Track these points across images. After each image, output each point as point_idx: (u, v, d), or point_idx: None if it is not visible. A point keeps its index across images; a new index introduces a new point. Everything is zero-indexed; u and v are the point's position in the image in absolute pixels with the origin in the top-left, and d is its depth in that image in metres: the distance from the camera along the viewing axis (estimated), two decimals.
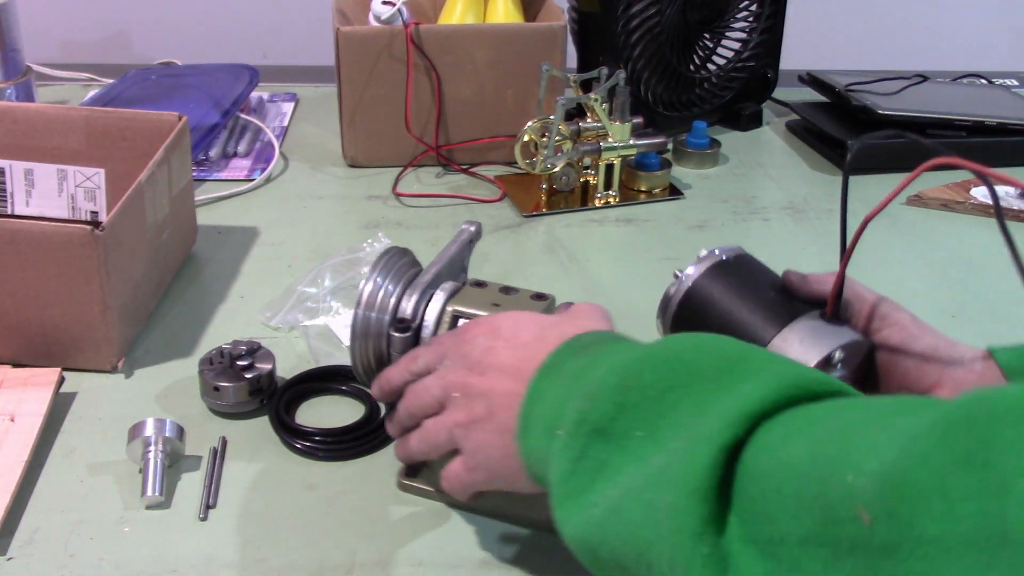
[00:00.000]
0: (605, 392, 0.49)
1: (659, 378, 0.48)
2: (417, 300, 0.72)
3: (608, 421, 0.49)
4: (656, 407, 0.48)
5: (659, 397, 0.48)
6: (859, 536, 0.38)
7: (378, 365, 0.73)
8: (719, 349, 0.50)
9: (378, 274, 0.73)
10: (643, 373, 0.49)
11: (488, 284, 0.74)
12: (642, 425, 0.48)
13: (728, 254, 0.74)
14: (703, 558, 0.42)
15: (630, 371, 0.49)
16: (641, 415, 0.48)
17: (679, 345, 0.50)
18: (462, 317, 0.70)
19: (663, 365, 0.49)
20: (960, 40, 1.90)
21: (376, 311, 0.72)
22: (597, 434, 0.49)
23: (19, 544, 0.70)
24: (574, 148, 1.15)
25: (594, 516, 0.48)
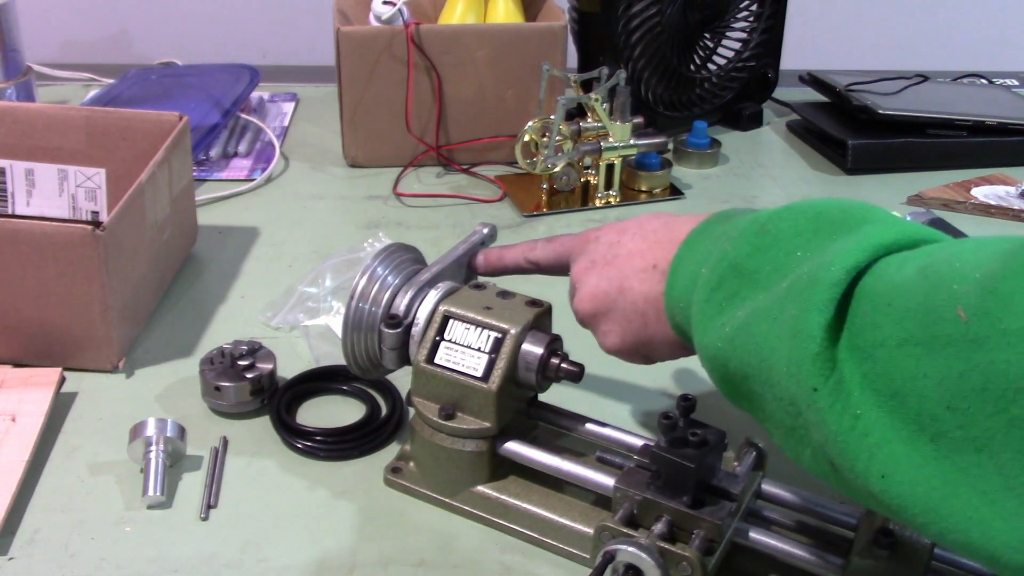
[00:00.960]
0: (745, 235, 0.56)
1: (793, 223, 0.55)
2: (412, 297, 0.72)
3: (744, 258, 0.55)
4: (788, 246, 0.54)
5: (791, 240, 0.54)
6: (955, 332, 0.43)
7: (369, 358, 0.73)
8: (847, 203, 0.56)
9: (378, 266, 0.73)
10: (780, 220, 0.56)
11: (487, 286, 0.74)
12: (773, 261, 0.54)
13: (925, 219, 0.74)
14: (813, 356, 0.48)
15: (770, 219, 0.56)
16: (773, 253, 0.54)
17: (815, 201, 0.57)
18: (453, 318, 0.71)
19: (799, 214, 0.55)
20: (960, 40, 1.90)
21: (370, 304, 0.72)
22: (733, 268, 0.56)
23: (20, 544, 0.70)
24: (574, 148, 1.15)
25: (725, 334, 0.55)
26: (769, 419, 0.54)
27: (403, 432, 0.81)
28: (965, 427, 0.43)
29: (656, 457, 0.64)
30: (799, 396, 0.49)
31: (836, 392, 0.48)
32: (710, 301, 0.57)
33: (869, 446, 0.46)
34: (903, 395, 0.45)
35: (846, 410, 0.47)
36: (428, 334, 0.71)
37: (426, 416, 0.72)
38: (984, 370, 0.42)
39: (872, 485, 0.47)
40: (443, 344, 0.71)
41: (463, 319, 0.70)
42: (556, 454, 0.71)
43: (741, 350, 0.54)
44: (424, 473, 0.74)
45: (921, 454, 0.45)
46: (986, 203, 1.18)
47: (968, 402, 0.42)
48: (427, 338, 0.71)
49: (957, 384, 0.43)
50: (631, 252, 0.66)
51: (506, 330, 0.69)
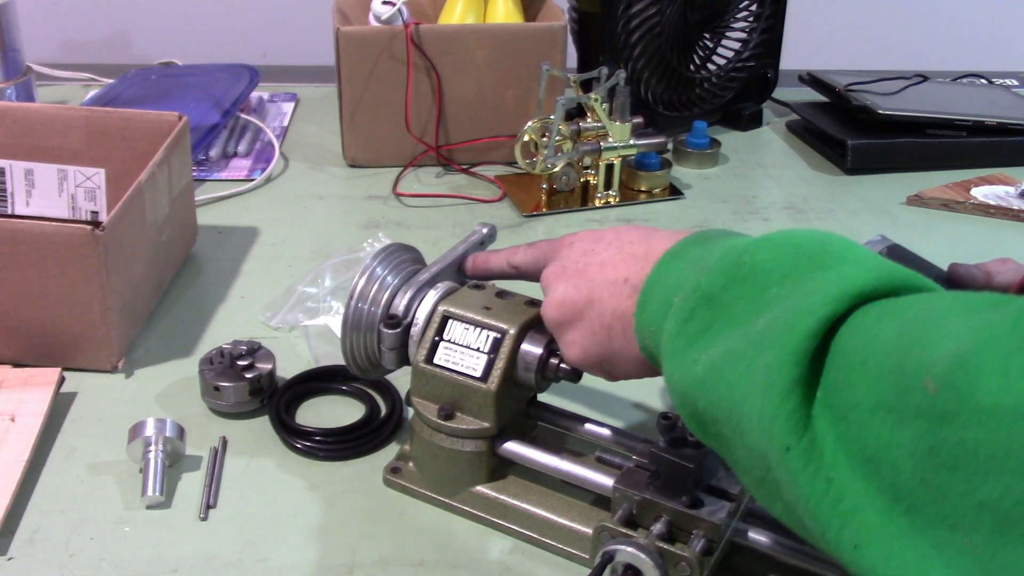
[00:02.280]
0: (720, 265, 0.54)
1: (770, 257, 0.52)
2: (411, 297, 0.72)
3: (719, 290, 0.53)
4: (763, 280, 0.52)
5: (767, 273, 0.52)
6: (924, 403, 0.41)
7: (368, 358, 0.73)
8: (827, 237, 0.53)
9: (377, 266, 0.73)
10: (757, 252, 0.53)
11: (486, 286, 0.74)
12: (748, 295, 0.52)
13: (881, 247, 0.69)
14: (787, 413, 0.46)
15: (746, 250, 0.53)
16: (748, 287, 0.52)
17: (793, 233, 0.54)
18: (452, 318, 0.71)
19: (777, 247, 0.53)
20: (960, 40, 1.90)
21: (369, 304, 0.72)
22: (706, 299, 0.53)
23: (19, 544, 0.70)
24: (574, 148, 1.15)
25: (696, 373, 0.53)
26: (739, 465, 0.52)
27: (402, 432, 0.81)
28: (939, 503, 0.41)
29: (655, 457, 0.64)
30: (771, 452, 0.47)
31: (809, 452, 0.46)
32: (681, 333, 0.54)
33: (842, 513, 0.44)
34: (877, 462, 0.43)
35: (819, 472, 0.45)
36: (427, 334, 0.71)
37: (425, 416, 0.72)
38: (954, 447, 0.40)
39: (845, 554, 0.45)
40: (442, 344, 0.71)
41: (462, 319, 0.70)
42: (555, 454, 0.71)
43: (712, 393, 0.52)
44: (424, 473, 0.74)
45: (896, 526, 0.42)
46: (986, 203, 1.18)
47: (940, 478, 0.40)
48: (426, 338, 0.71)
49: (928, 458, 0.41)
50: (604, 262, 0.64)
51: (505, 330, 0.69)
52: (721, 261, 0.54)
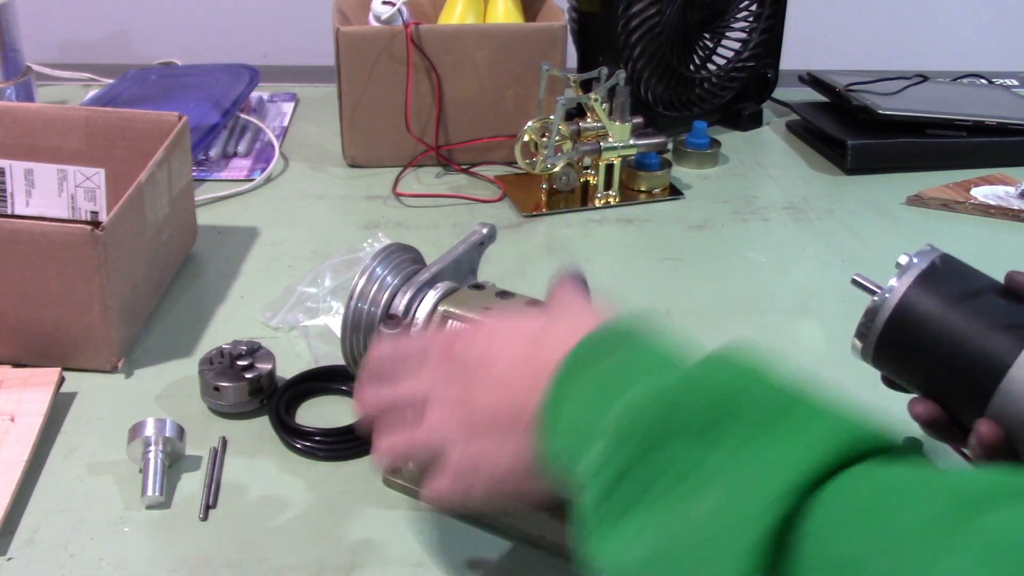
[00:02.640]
0: (639, 423, 0.46)
1: (695, 417, 0.45)
2: (411, 297, 0.72)
3: (633, 464, 0.46)
4: (694, 444, 0.45)
5: (696, 438, 0.45)
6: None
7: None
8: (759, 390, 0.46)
9: (377, 266, 0.73)
10: (678, 410, 0.46)
11: (486, 286, 0.74)
12: (674, 468, 0.45)
13: (931, 258, 0.62)
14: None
15: (664, 402, 0.46)
16: (670, 456, 0.45)
17: (715, 379, 0.47)
18: (452, 318, 0.70)
19: (698, 403, 0.46)
20: (960, 40, 1.90)
21: (369, 304, 0.72)
22: (622, 477, 0.46)
23: (19, 544, 0.70)
24: (574, 148, 1.15)
25: (628, 563, 0.46)
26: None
27: None
28: None
29: None
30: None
31: None
32: (602, 509, 0.46)
33: None
34: None
35: None
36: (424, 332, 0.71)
37: None
38: None
39: None
40: None
41: (462, 319, 0.70)
42: None
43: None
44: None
45: None
46: (986, 203, 1.18)
47: None
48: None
49: None
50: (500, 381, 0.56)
51: None
52: (638, 416, 0.46)
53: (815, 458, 0.42)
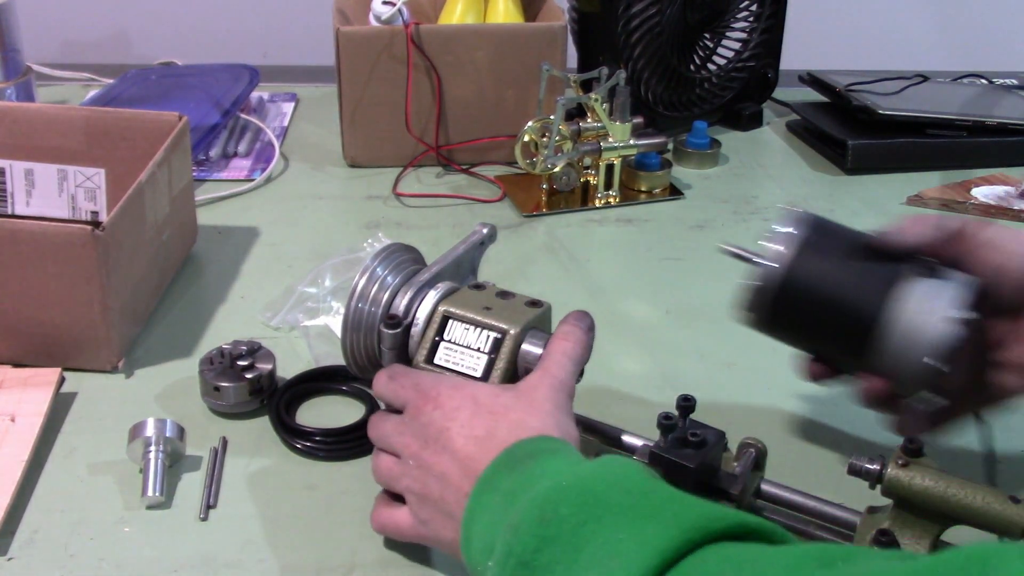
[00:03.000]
0: (527, 525, 0.52)
1: (573, 512, 0.51)
2: (412, 297, 0.72)
3: (531, 554, 0.51)
4: (572, 540, 0.51)
5: (574, 531, 0.51)
6: None
7: (368, 358, 0.73)
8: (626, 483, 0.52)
9: (377, 266, 0.73)
10: (559, 507, 0.52)
11: (487, 287, 0.74)
12: (561, 558, 0.50)
13: (808, 222, 0.68)
14: None
15: (548, 504, 0.53)
16: (560, 548, 0.51)
17: (592, 477, 0.54)
18: (453, 319, 0.70)
19: (576, 499, 0.52)
20: (960, 40, 1.90)
21: (369, 304, 0.72)
22: (522, 567, 0.52)
23: (19, 544, 0.70)
24: (574, 148, 1.15)
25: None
26: None
27: None
28: None
29: (656, 457, 0.64)
30: None
31: None
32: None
33: None
34: None
35: None
36: (427, 334, 0.71)
37: None
38: None
39: None
40: (442, 344, 0.70)
41: (463, 319, 0.70)
42: None
43: None
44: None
45: None
46: (986, 203, 1.18)
47: None
48: (426, 338, 0.71)
49: None
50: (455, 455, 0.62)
51: (505, 330, 0.69)
52: (527, 519, 0.53)
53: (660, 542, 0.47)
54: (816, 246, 0.66)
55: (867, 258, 0.66)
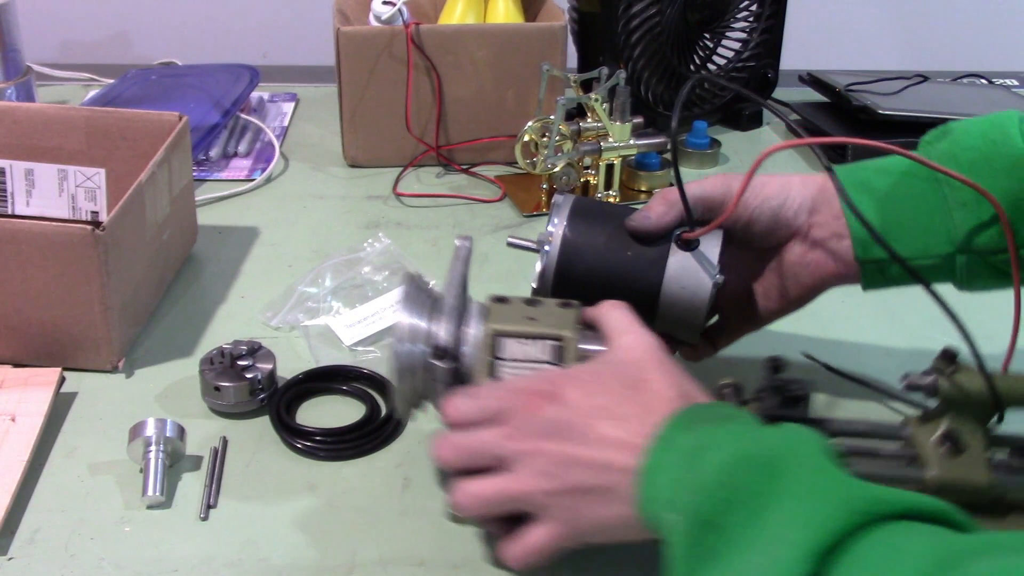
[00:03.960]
0: (713, 488, 0.53)
1: (756, 480, 0.52)
2: (452, 326, 0.69)
3: (714, 515, 0.52)
4: (754, 507, 0.51)
5: (756, 499, 0.51)
6: None
7: (423, 399, 0.70)
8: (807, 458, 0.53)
9: (408, 307, 0.69)
10: (743, 473, 0.53)
11: (510, 299, 0.71)
12: (745, 521, 0.51)
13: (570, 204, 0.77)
14: None
15: (734, 470, 0.53)
16: (744, 512, 0.51)
17: (775, 445, 0.54)
18: (503, 336, 0.68)
19: (760, 468, 0.53)
20: (960, 40, 1.90)
21: (416, 343, 0.69)
22: (708, 525, 0.52)
23: (20, 544, 0.70)
24: (574, 148, 1.15)
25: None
26: None
27: (403, 433, 0.81)
28: None
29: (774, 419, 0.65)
30: None
31: None
32: (692, 557, 0.53)
33: None
34: None
35: None
36: (482, 358, 0.68)
37: None
38: None
39: None
40: (500, 364, 0.68)
41: (514, 335, 0.68)
42: None
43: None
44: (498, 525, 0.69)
45: None
46: None
47: None
48: (481, 362, 0.68)
49: None
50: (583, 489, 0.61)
51: (562, 336, 0.67)
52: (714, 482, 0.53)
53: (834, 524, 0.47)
54: (581, 231, 0.75)
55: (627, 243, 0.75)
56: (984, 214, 0.70)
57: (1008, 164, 0.70)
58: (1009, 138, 0.72)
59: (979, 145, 0.72)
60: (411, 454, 0.79)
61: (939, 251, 0.72)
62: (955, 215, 0.71)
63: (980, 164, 0.71)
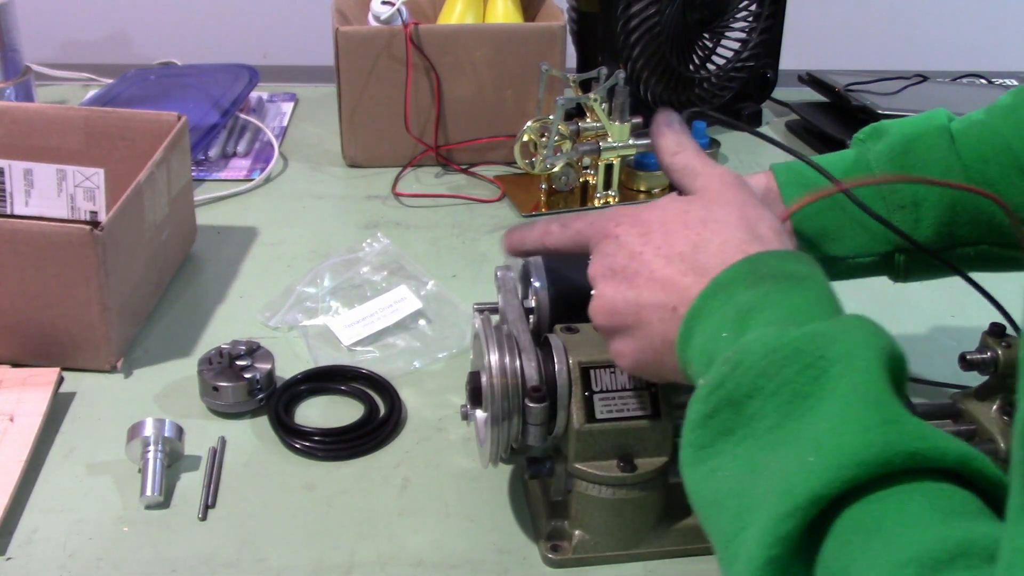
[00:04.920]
0: (747, 368, 0.50)
1: (797, 376, 0.49)
2: (537, 364, 0.66)
3: (743, 397, 0.50)
4: (785, 406, 0.49)
5: (790, 399, 0.49)
6: None
7: (516, 442, 0.68)
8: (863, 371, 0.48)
9: (492, 349, 0.67)
10: (785, 367, 0.49)
11: (579, 328, 0.69)
12: (769, 414, 0.49)
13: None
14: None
15: (776, 358, 0.50)
16: (771, 406, 0.49)
17: (831, 343, 0.50)
18: (592, 368, 0.66)
19: (805, 366, 0.49)
20: (960, 40, 1.90)
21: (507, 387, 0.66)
22: (730, 403, 0.50)
23: (18, 544, 0.70)
24: (573, 148, 1.15)
25: (703, 491, 0.51)
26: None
27: (401, 433, 0.81)
28: None
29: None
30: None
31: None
32: (703, 427, 0.51)
33: None
34: None
35: None
36: (575, 393, 0.66)
37: (601, 476, 0.67)
38: None
39: None
40: (597, 397, 0.66)
41: (604, 365, 0.66)
42: None
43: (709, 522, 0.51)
44: (602, 536, 0.70)
45: None
46: None
47: None
48: (576, 398, 0.66)
49: None
50: (653, 275, 0.59)
51: None
52: (749, 362, 0.51)
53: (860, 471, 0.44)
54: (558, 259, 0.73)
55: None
56: (921, 216, 0.73)
57: (940, 156, 0.74)
58: (940, 132, 0.75)
59: (912, 138, 0.75)
60: (409, 454, 0.79)
61: (880, 249, 0.74)
62: (894, 217, 0.73)
63: (914, 159, 0.74)
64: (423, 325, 0.94)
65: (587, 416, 0.66)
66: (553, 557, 0.70)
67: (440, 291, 0.98)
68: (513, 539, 0.72)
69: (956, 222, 0.73)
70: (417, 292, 0.96)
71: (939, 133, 0.75)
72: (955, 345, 0.80)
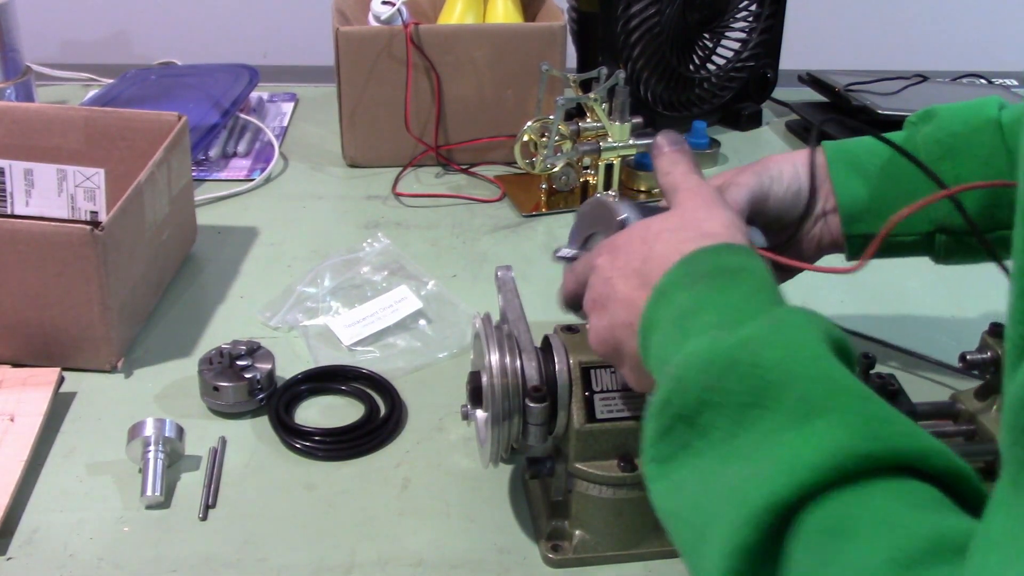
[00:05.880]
0: (690, 384, 0.50)
1: (738, 385, 0.48)
2: (537, 365, 0.67)
3: (692, 412, 0.50)
4: (734, 417, 0.48)
5: (738, 410, 0.48)
6: None
7: (516, 442, 0.68)
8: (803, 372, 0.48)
9: (493, 349, 0.67)
10: (723, 379, 0.49)
11: (579, 328, 0.70)
12: (721, 426, 0.49)
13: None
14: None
15: (714, 371, 0.50)
16: (722, 418, 0.49)
17: (755, 345, 0.49)
18: (592, 368, 0.67)
19: (742, 376, 0.49)
20: (960, 40, 1.90)
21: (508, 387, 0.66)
22: (682, 419, 0.50)
23: (19, 544, 0.70)
24: (573, 148, 1.15)
25: (667, 505, 0.51)
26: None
27: (401, 433, 0.81)
28: None
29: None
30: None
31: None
32: (662, 442, 0.51)
33: None
34: None
35: None
36: (576, 393, 0.67)
37: (601, 476, 0.67)
38: None
39: None
40: (597, 397, 0.67)
41: (604, 365, 0.67)
42: None
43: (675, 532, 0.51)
44: (602, 536, 0.70)
45: None
46: None
47: None
48: (576, 398, 0.67)
49: None
50: (616, 298, 0.60)
51: None
52: (691, 377, 0.50)
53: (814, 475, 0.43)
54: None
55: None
56: (963, 198, 0.71)
57: (986, 152, 0.73)
58: (989, 125, 0.74)
59: (961, 131, 0.74)
60: (410, 454, 0.79)
61: (921, 229, 0.75)
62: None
63: (961, 149, 0.73)
64: (423, 325, 0.94)
65: (588, 416, 0.66)
66: (553, 557, 0.70)
67: (440, 291, 0.98)
68: (513, 539, 0.72)
69: (998, 204, 0.72)
70: (417, 292, 0.96)
71: (988, 122, 0.75)
72: (955, 345, 0.80)
